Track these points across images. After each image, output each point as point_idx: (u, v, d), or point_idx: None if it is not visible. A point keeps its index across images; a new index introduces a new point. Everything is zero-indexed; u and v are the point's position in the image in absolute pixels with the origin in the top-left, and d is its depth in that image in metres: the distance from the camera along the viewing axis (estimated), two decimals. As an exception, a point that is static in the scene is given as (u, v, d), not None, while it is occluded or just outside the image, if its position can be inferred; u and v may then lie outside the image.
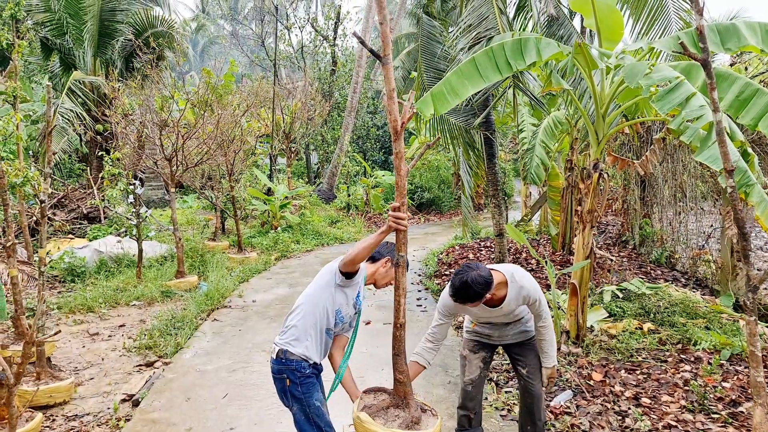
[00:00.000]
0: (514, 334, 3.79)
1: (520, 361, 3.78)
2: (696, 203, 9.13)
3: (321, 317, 3.21)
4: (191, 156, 9.70)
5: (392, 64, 2.79)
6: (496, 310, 3.56)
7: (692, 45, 5.16)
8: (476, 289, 3.23)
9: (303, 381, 3.15)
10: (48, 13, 13.10)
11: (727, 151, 3.57)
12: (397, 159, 2.98)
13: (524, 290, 3.48)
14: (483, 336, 3.85)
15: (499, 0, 6.87)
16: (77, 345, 6.73)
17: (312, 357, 3.19)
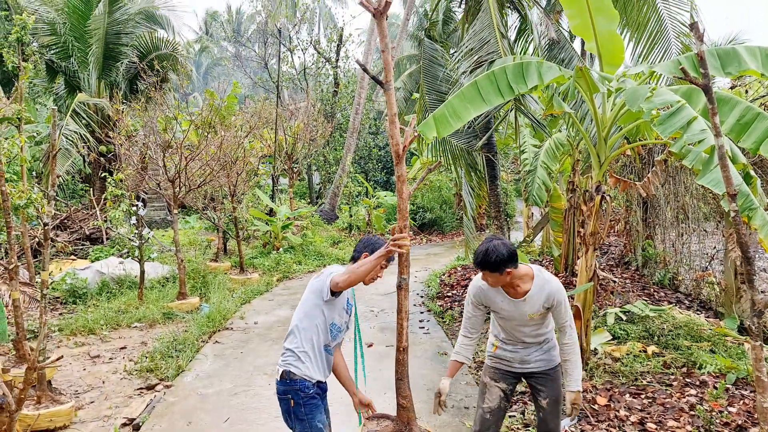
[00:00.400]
0: (538, 360, 3.61)
1: (542, 391, 3.62)
2: (698, 225, 9.12)
3: (316, 336, 3.26)
4: (194, 177, 9.73)
5: (394, 90, 2.82)
6: (520, 304, 3.44)
7: (693, 69, 5.20)
8: (498, 255, 3.21)
9: (307, 402, 3.18)
10: (53, 36, 13.26)
11: (730, 176, 3.57)
12: (399, 182, 3.00)
13: (549, 285, 3.42)
14: (505, 362, 3.68)
15: (501, 24, 6.94)
16: (78, 367, 6.69)
17: (314, 376, 3.22)
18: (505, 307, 3.50)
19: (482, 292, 3.55)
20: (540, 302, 3.42)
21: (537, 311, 3.44)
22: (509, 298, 3.46)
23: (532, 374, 3.65)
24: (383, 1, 2.61)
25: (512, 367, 3.67)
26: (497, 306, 3.54)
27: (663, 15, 7.62)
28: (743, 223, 4.22)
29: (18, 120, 10.03)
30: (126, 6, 13.48)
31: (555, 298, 3.42)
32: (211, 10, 52.91)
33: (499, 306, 3.53)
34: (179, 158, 9.13)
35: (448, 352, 6.86)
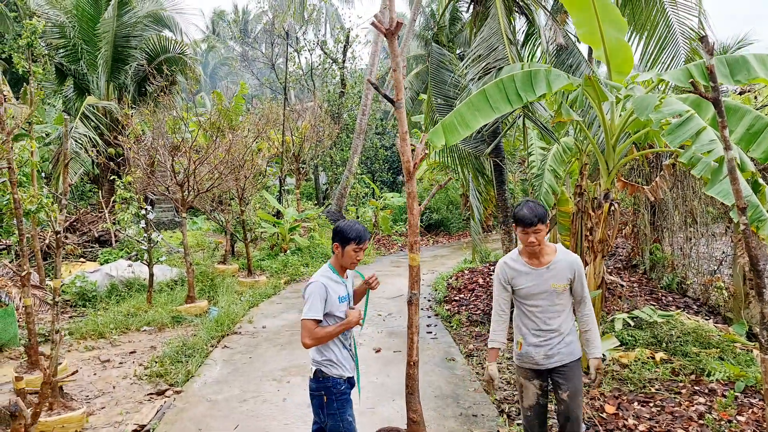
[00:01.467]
0: (560, 353, 3.73)
1: (563, 384, 3.76)
2: (707, 229, 9.09)
3: (332, 344, 3.50)
4: (203, 181, 9.79)
5: (405, 108, 2.84)
6: (545, 273, 3.65)
7: (702, 77, 5.19)
8: (542, 206, 3.55)
9: (339, 397, 3.45)
10: (63, 39, 13.34)
11: (740, 189, 3.58)
12: (410, 198, 3.02)
13: (571, 256, 3.72)
14: (530, 360, 3.79)
15: (509, 30, 6.94)
16: (88, 372, 6.75)
17: (344, 374, 3.50)
18: (530, 279, 3.68)
19: (508, 268, 3.75)
20: (564, 272, 3.66)
21: (561, 282, 3.65)
22: (534, 269, 3.67)
23: (555, 369, 3.78)
24: (394, 22, 2.63)
25: (538, 365, 3.78)
26: (522, 280, 3.70)
27: (671, 19, 7.60)
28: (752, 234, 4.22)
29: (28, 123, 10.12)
30: (134, 9, 13.54)
31: (576, 269, 3.69)
32: (218, 9, 53.05)
33: (524, 279, 3.69)
34: (188, 162, 9.18)
35: (456, 358, 6.88)
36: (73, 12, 13.24)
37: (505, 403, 5.56)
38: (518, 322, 3.85)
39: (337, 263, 3.51)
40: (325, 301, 3.35)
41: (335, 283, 3.46)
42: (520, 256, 3.74)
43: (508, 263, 3.76)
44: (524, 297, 3.73)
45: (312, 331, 3.26)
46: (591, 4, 5.26)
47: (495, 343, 3.87)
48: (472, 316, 8.55)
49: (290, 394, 5.87)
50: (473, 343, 7.44)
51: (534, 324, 3.74)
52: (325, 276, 3.46)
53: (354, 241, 3.37)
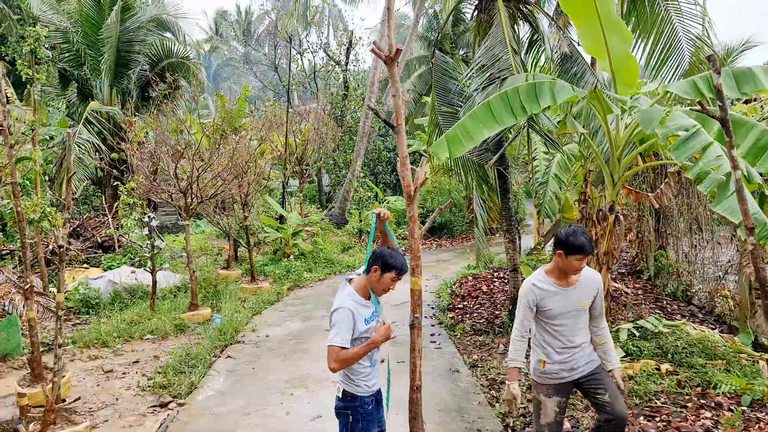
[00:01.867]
0: (585, 363, 3.83)
1: (600, 387, 3.81)
2: (712, 236, 9.04)
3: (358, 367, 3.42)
4: (206, 188, 9.77)
5: (405, 133, 2.81)
6: (572, 292, 3.73)
7: (708, 89, 5.15)
8: (589, 237, 3.60)
9: (365, 417, 3.41)
10: (66, 45, 13.35)
11: (748, 209, 3.54)
12: (411, 222, 3.00)
13: (595, 275, 3.83)
14: (554, 376, 3.83)
15: (513, 40, 6.91)
16: (92, 383, 6.73)
17: (371, 391, 3.44)
18: (559, 300, 3.72)
19: (537, 290, 3.76)
20: (590, 290, 3.78)
21: (587, 300, 3.78)
22: (563, 290, 3.72)
23: (585, 377, 3.84)
24: (393, 48, 2.60)
25: (562, 378, 3.83)
26: (551, 301, 3.73)
27: (677, 27, 7.56)
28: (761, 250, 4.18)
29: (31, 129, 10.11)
30: (138, 14, 13.55)
31: (599, 286, 3.83)
32: (221, 10, 53.05)
33: (553, 300, 3.73)
34: (191, 169, 9.17)
35: (460, 369, 6.85)
36: (76, 17, 13.25)
37: (510, 418, 5.53)
38: (541, 341, 3.87)
39: (363, 287, 3.42)
40: (352, 329, 3.28)
41: (362, 306, 3.38)
42: (548, 276, 3.76)
43: (537, 285, 3.76)
44: (551, 317, 3.76)
45: (338, 355, 3.19)
46: (596, 16, 5.23)
47: (517, 362, 3.86)
48: (476, 325, 8.52)
49: (294, 407, 5.85)
50: (477, 353, 7.41)
51: (559, 342, 3.79)
52: (351, 300, 3.37)
53: (395, 271, 3.28)
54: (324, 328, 8.80)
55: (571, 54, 7.30)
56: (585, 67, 7.34)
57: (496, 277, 11.54)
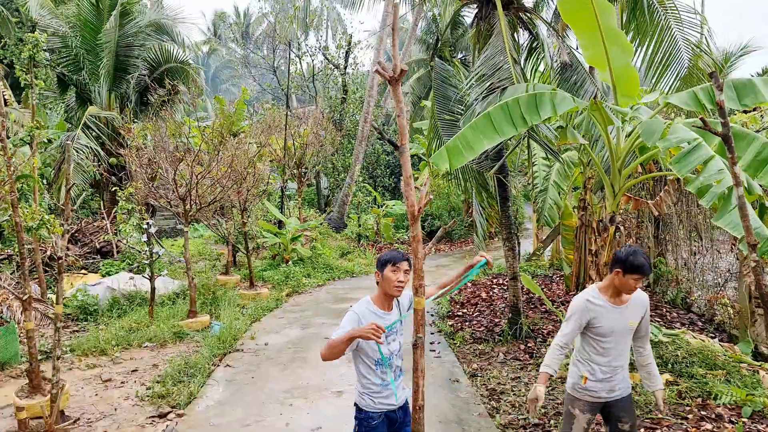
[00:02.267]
0: (622, 386, 3.83)
1: (624, 417, 3.83)
2: (711, 243, 9.04)
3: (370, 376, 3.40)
4: (205, 195, 9.75)
5: (409, 153, 2.80)
6: (624, 311, 3.74)
7: (709, 100, 5.14)
8: (647, 257, 3.59)
9: (368, 431, 3.41)
10: (65, 49, 13.32)
11: (750, 225, 3.54)
12: (415, 242, 2.98)
13: (643, 294, 3.82)
14: (593, 393, 3.82)
15: (513, 49, 6.90)
16: (90, 392, 6.70)
17: (381, 408, 3.39)
18: (610, 316, 3.72)
19: (593, 306, 3.74)
20: (638, 309, 3.78)
21: (636, 319, 3.77)
22: (616, 307, 3.72)
23: (617, 401, 3.84)
24: (398, 69, 2.59)
25: (599, 398, 3.83)
26: (604, 318, 3.72)
27: (676, 35, 7.56)
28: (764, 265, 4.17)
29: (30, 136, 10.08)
30: (136, 19, 13.52)
31: (647, 306, 3.84)
32: (220, 11, 53.03)
33: (605, 318, 3.72)
34: (190, 176, 9.14)
35: (460, 379, 6.83)
36: (74, 21, 13.22)
37: (510, 428, 5.52)
38: (586, 358, 3.85)
39: (380, 295, 3.39)
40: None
41: (374, 314, 3.32)
42: (602, 293, 3.76)
43: (592, 301, 3.75)
44: (601, 334, 3.75)
45: (326, 343, 3.18)
46: (597, 27, 5.22)
47: (550, 370, 3.82)
48: (475, 333, 8.50)
49: (293, 418, 5.82)
50: (477, 362, 7.39)
51: (606, 360, 3.79)
52: (364, 307, 3.38)
53: (388, 263, 3.28)
54: (323, 336, 8.78)
55: (571, 62, 7.30)
56: (585, 76, 7.33)
57: (496, 283, 11.52)
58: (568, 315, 3.82)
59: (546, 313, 9.14)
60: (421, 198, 2.85)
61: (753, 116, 7.44)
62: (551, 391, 6.35)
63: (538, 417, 5.66)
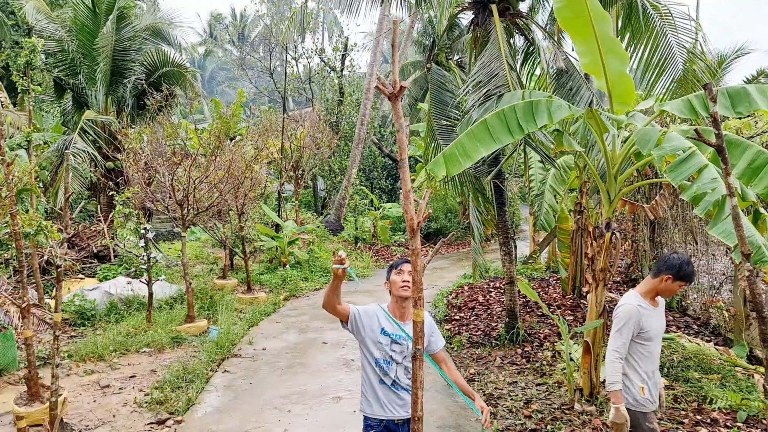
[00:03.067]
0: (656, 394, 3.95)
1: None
2: (707, 247, 9.10)
3: (366, 374, 3.50)
4: (202, 200, 9.77)
5: (408, 167, 2.83)
6: (660, 312, 3.92)
7: (703, 108, 5.18)
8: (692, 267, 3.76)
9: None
10: (61, 53, 13.31)
11: (744, 235, 3.58)
12: (414, 255, 3.00)
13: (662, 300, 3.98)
14: (647, 404, 3.87)
15: (509, 56, 6.94)
16: (88, 399, 6.70)
17: (377, 414, 3.43)
18: (654, 319, 3.84)
19: (643, 310, 3.82)
20: (663, 310, 3.96)
21: (665, 321, 3.97)
22: (655, 310, 3.87)
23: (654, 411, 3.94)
24: (398, 85, 2.62)
25: (653, 405, 3.92)
26: (650, 321, 3.81)
27: (671, 41, 7.62)
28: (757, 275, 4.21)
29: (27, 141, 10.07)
30: (133, 23, 13.51)
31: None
32: (215, 12, 53.00)
33: (651, 321, 3.81)
34: (187, 181, 9.16)
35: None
36: (71, 26, 13.20)
37: (508, 434, 5.56)
38: (636, 367, 3.84)
39: (392, 303, 3.55)
40: (365, 315, 3.48)
41: (385, 318, 3.49)
42: (644, 298, 3.84)
43: (641, 305, 3.80)
44: (647, 339, 3.81)
45: None
46: (593, 35, 5.26)
47: (620, 385, 3.78)
48: (472, 338, 8.54)
49: (291, 425, 5.84)
50: (474, 367, 7.43)
51: (652, 367, 3.89)
52: (380, 306, 3.57)
53: (393, 269, 3.55)
54: (321, 340, 8.81)
55: (567, 69, 7.34)
56: (581, 82, 7.38)
57: (492, 287, 11.56)
58: (619, 324, 3.78)
59: (542, 317, 9.18)
60: (420, 211, 2.88)
61: (747, 122, 7.50)
62: (548, 396, 6.40)
63: (535, 423, 5.70)
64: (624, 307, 3.81)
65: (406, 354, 3.45)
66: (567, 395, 6.24)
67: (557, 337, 8.27)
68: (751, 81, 16.05)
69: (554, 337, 8.30)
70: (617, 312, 3.85)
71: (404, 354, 3.45)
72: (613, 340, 3.79)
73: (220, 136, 10.98)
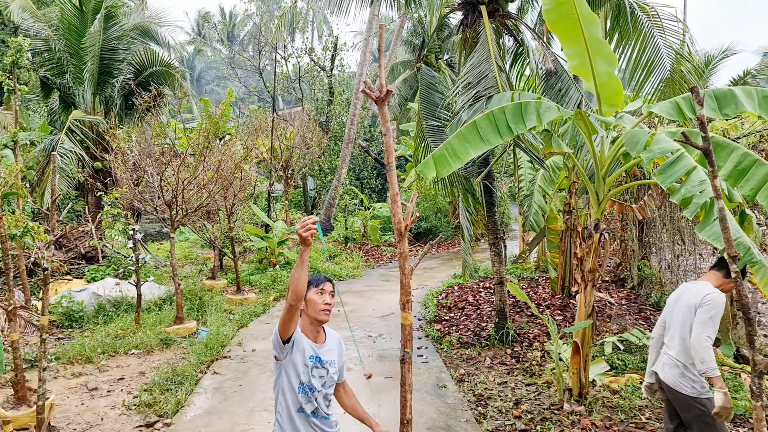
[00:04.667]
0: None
1: None
2: (694, 247, 9.17)
3: (284, 401, 3.12)
4: (191, 200, 9.71)
5: (395, 171, 2.83)
6: None
7: (690, 110, 5.22)
8: None
9: None
10: (48, 53, 13.20)
11: (731, 237, 3.60)
12: (402, 258, 3.00)
13: None
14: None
15: (498, 57, 6.95)
16: (76, 401, 6.65)
17: None
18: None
19: None
20: None
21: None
22: None
23: None
24: (384, 89, 2.62)
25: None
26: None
27: (659, 43, 7.67)
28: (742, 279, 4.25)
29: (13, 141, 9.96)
30: (121, 22, 13.41)
31: None
32: (203, 11, 52.74)
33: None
34: (176, 181, 9.10)
35: (448, 385, 6.87)
36: (58, 25, 13.09)
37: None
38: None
39: (305, 325, 3.11)
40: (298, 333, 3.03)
41: (305, 339, 3.09)
42: None
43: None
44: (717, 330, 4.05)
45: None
46: (582, 38, 5.29)
47: (719, 370, 4.02)
48: (462, 338, 8.56)
49: (281, 427, 5.82)
50: (464, 368, 7.44)
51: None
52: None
53: (311, 285, 3.03)
54: (311, 341, 8.77)
55: (556, 70, 7.37)
56: (569, 83, 7.42)
57: (482, 287, 11.59)
58: (712, 312, 3.98)
59: (532, 317, 9.22)
60: (407, 215, 2.88)
61: (734, 123, 7.56)
62: (538, 396, 6.43)
63: (525, 423, 5.72)
64: (716, 296, 4.01)
65: (326, 380, 3.14)
66: (556, 395, 6.27)
67: (547, 337, 8.30)
68: (738, 82, 16.18)
69: (544, 337, 8.34)
70: (708, 299, 3.99)
71: (324, 380, 3.13)
72: (705, 328, 3.95)
73: (209, 136, 10.93)
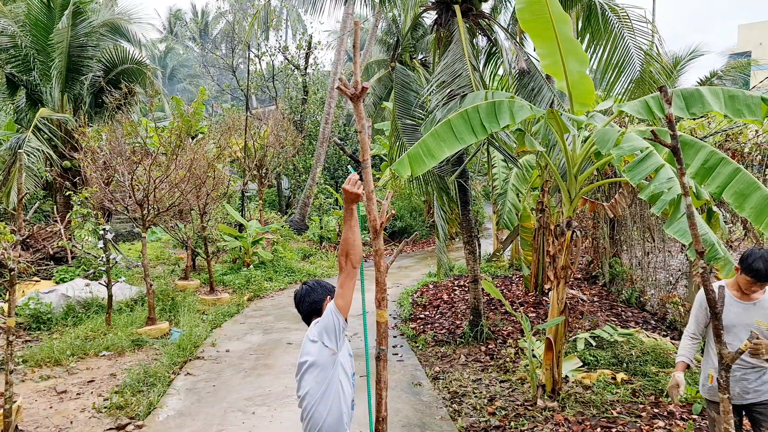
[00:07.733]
0: (756, 390, 3.82)
1: (764, 421, 3.83)
2: (663, 244, 9.34)
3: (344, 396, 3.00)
4: (163, 199, 9.58)
5: (371, 168, 2.83)
6: (751, 308, 3.77)
7: (659, 109, 5.31)
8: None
9: None
10: (14, 49, 12.87)
11: (698, 234, 3.67)
12: (377, 256, 3.01)
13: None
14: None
15: (472, 56, 7.00)
16: (44, 405, 6.51)
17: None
18: (733, 310, 3.78)
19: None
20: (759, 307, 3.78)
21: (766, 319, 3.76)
22: (740, 302, 3.80)
23: (753, 405, 3.84)
24: (359, 86, 2.62)
25: (732, 399, 3.74)
26: (727, 313, 3.73)
27: (629, 43, 7.80)
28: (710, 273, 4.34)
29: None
30: (90, 19, 13.13)
31: None
32: (175, 9, 52.05)
33: (727, 311, 3.72)
34: (147, 181, 8.97)
35: (423, 383, 6.90)
36: (25, 21, 12.77)
37: (471, 431, 5.60)
38: (710, 354, 3.92)
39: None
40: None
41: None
42: (729, 288, 3.84)
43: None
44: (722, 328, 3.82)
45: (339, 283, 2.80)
46: (554, 38, 5.35)
47: (686, 359, 4.00)
48: (437, 336, 8.59)
49: (256, 427, 5.79)
50: (439, 365, 7.48)
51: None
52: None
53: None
54: (285, 341, 8.74)
55: (529, 69, 7.44)
56: (542, 83, 7.49)
57: (457, 285, 11.65)
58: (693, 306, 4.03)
59: (506, 315, 9.30)
60: (382, 213, 2.88)
61: (701, 123, 7.73)
62: (512, 392, 6.49)
63: (499, 419, 5.78)
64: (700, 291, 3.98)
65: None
66: (530, 391, 6.33)
67: (520, 334, 8.39)
68: (705, 82, 16.55)
69: (517, 334, 8.42)
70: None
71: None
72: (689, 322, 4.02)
73: (182, 135, 10.79)
